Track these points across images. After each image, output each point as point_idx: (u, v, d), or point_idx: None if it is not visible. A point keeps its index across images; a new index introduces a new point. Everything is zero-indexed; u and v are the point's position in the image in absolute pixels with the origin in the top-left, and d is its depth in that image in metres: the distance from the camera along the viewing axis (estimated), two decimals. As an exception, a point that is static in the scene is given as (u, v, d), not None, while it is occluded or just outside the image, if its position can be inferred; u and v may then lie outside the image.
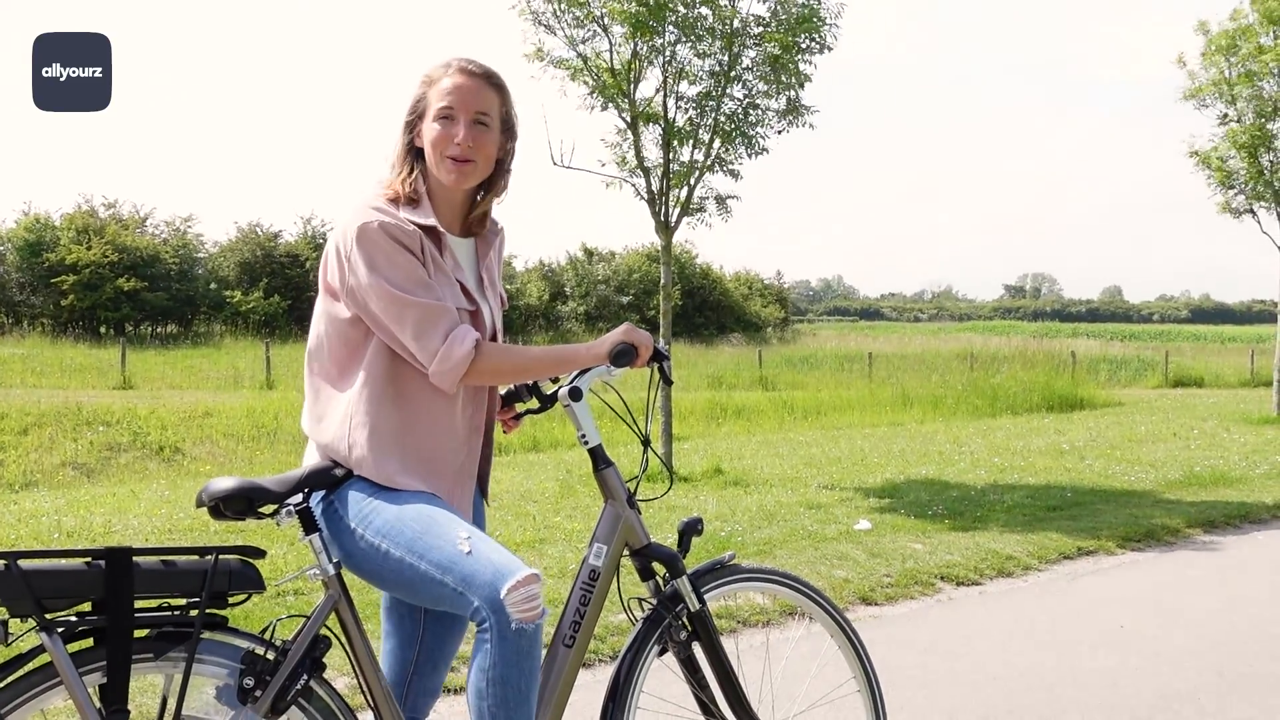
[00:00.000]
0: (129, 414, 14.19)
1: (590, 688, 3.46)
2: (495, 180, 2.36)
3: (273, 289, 33.72)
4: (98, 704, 1.92)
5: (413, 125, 2.30)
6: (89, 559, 1.93)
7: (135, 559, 1.95)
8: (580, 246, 42.24)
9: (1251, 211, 15.30)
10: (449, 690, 3.92)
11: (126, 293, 30.59)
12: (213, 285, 33.94)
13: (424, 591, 2.14)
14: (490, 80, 2.29)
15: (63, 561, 1.93)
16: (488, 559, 2.09)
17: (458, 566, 2.08)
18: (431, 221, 2.24)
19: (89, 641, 1.94)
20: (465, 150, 2.24)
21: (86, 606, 1.94)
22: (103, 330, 30.58)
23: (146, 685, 3.33)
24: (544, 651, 2.22)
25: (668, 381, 2.60)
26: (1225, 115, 15.02)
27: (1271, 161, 14.87)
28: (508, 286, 37.68)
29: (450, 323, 2.20)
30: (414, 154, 2.30)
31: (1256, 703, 3.97)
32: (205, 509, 2.07)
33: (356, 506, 2.18)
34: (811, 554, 6.13)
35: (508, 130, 2.34)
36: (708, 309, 41.84)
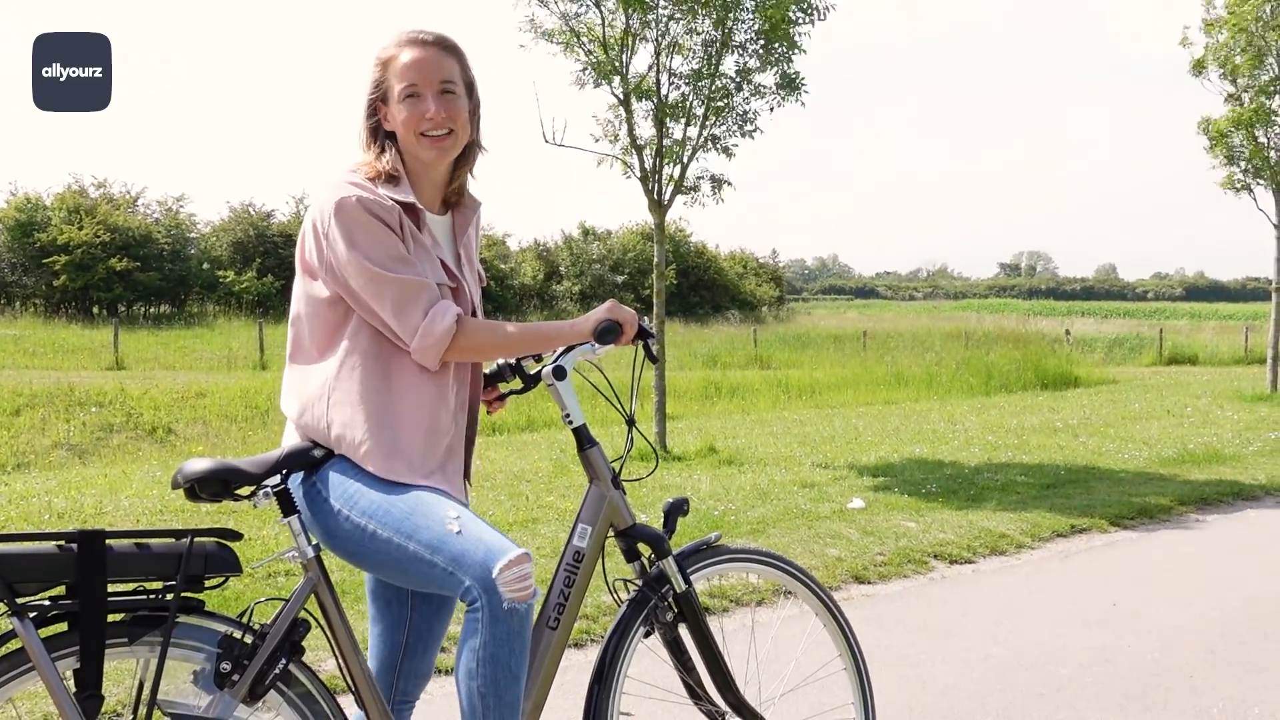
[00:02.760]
0: (122, 395, 14.14)
1: (579, 668, 3.44)
2: (468, 151, 2.32)
3: (266, 269, 33.56)
4: (72, 689, 1.89)
5: (375, 108, 2.25)
6: (61, 542, 1.90)
7: (109, 542, 1.92)
8: (578, 225, 42.11)
9: (1249, 188, 15.25)
10: (439, 670, 3.90)
11: (119, 273, 30.46)
12: (205, 265, 33.80)
13: (412, 572, 2.11)
14: (445, 47, 2.24)
15: (34, 544, 1.89)
16: (478, 538, 2.06)
17: (448, 546, 2.06)
18: (411, 199, 2.20)
19: (62, 626, 1.90)
20: (440, 122, 2.19)
21: (60, 590, 1.90)
22: (95, 311, 30.47)
23: (128, 669, 3.30)
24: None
25: (653, 359, 2.57)
26: (1230, 94, 14.95)
27: (1269, 139, 14.82)
28: (502, 266, 37.63)
29: (430, 298, 2.16)
30: (382, 136, 2.25)
31: (1248, 681, 3.97)
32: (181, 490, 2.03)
33: (340, 487, 2.14)
34: (805, 533, 6.11)
35: (470, 93, 2.29)
36: (703, 288, 41.75)
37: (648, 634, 2.49)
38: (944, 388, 18.08)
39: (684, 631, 2.52)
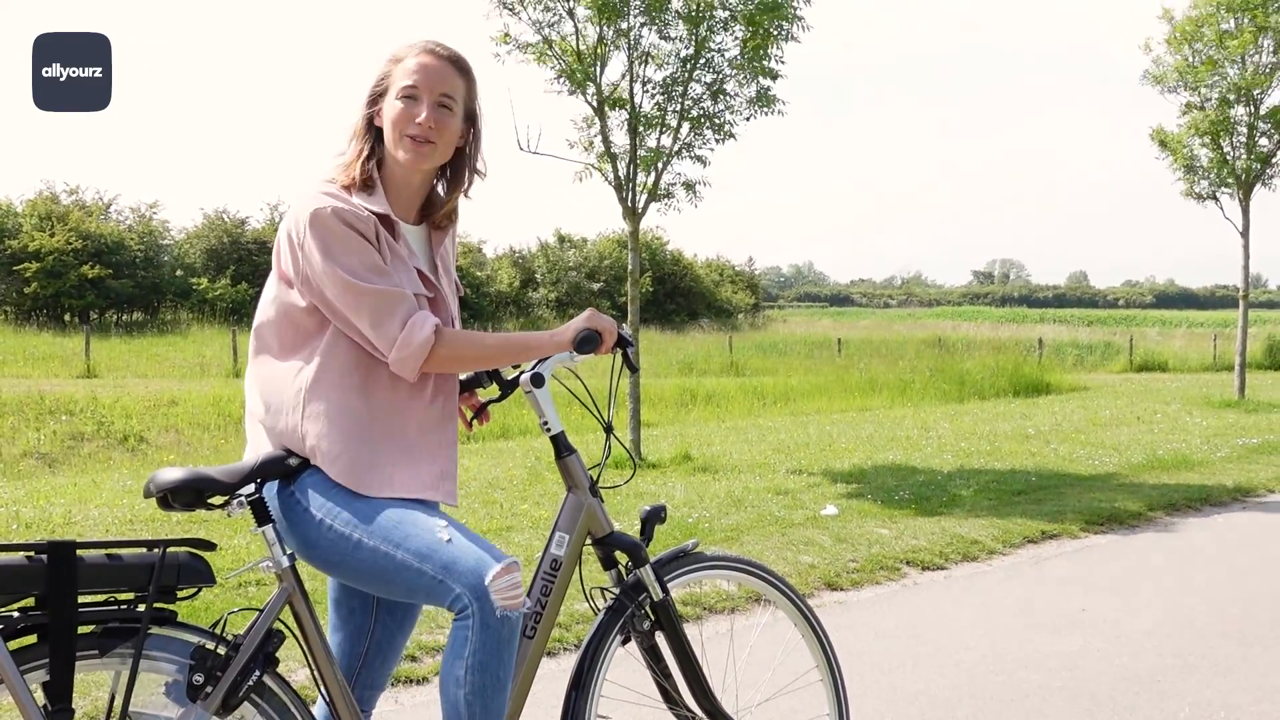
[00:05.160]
0: (93, 403, 14.00)
1: (554, 677, 3.44)
2: (460, 173, 2.32)
3: (240, 276, 33.35)
4: (41, 702, 1.87)
5: (374, 102, 2.25)
6: (31, 553, 1.88)
7: (79, 553, 1.90)
8: (554, 233, 42.12)
9: (1214, 198, 15.43)
10: (411, 681, 3.90)
11: (91, 280, 30.16)
12: (179, 272, 33.54)
13: (398, 581, 2.11)
14: (457, 64, 2.25)
15: (3, 555, 1.88)
16: (469, 547, 2.08)
17: (438, 554, 2.06)
18: (384, 209, 2.20)
19: (32, 638, 1.89)
20: (426, 130, 2.19)
21: (29, 602, 1.89)
22: (67, 318, 30.17)
23: (99, 680, 3.28)
24: None
25: (633, 368, 2.58)
26: (1189, 103, 15.12)
27: (1234, 147, 15.01)
28: (477, 273, 37.55)
29: (408, 309, 2.15)
30: (373, 133, 2.26)
31: (1215, 685, 4.02)
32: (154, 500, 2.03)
33: (322, 496, 2.13)
34: (778, 540, 6.14)
35: (470, 119, 2.29)
36: (679, 295, 41.83)
37: (625, 642, 2.50)
38: (918, 395, 18.18)
39: (661, 639, 2.53)
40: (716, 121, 9.63)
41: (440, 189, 2.35)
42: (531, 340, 2.32)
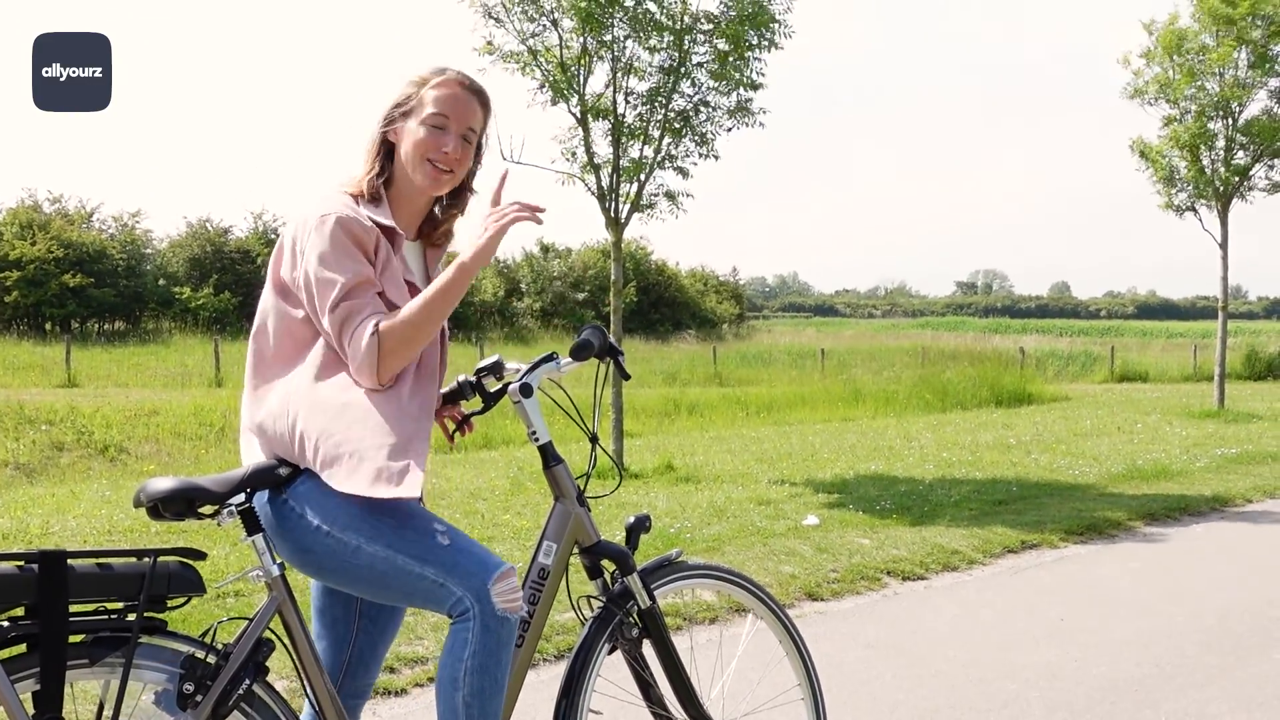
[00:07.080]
0: (73, 413, 13.93)
1: (533, 688, 3.47)
2: (462, 196, 2.39)
3: (223, 285, 33.23)
4: (31, 712, 1.89)
5: (392, 120, 2.29)
6: (21, 562, 1.90)
7: (70, 562, 1.92)
8: (536, 242, 42.17)
9: (1193, 209, 15.56)
10: (390, 693, 3.91)
11: (72, 289, 29.98)
12: (161, 282, 33.38)
13: (397, 585, 2.13)
14: (481, 98, 2.32)
15: None
16: (469, 551, 2.12)
17: (438, 558, 2.10)
18: (390, 223, 2.24)
19: (22, 648, 1.90)
20: (451, 161, 2.26)
21: (19, 611, 1.90)
22: (48, 327, 29.96)
23: (84, 691, 3.28)
24: None
25: (625, 375, 2.63)
26: (1169, 116, 15.26)
27: (1212, 160, 15.16)
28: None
29: (356, 322, 2.13)
30: (384, 149, 2.30)
31: (1192, 695, 4.07)
32: (143, 509, 2.04)
33: (319, 503, 2.14)
34: (760, 550, 6.17)
35: (478, 149, 2.37)
36: (663, 305, 41.89)
37: (612, 650, 2.53)
38: (901, 405, 18.26)
39: (648, 647, 2.56)
40: (698, 132, 9.69)
41: (437, 209, 2.41)
42: (454, 275, 2.17)
